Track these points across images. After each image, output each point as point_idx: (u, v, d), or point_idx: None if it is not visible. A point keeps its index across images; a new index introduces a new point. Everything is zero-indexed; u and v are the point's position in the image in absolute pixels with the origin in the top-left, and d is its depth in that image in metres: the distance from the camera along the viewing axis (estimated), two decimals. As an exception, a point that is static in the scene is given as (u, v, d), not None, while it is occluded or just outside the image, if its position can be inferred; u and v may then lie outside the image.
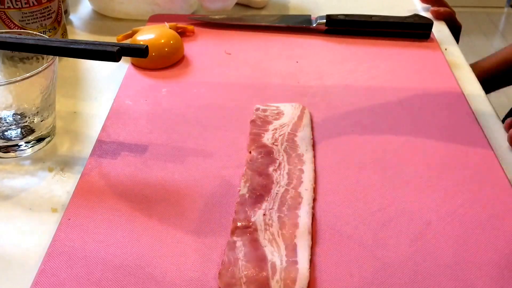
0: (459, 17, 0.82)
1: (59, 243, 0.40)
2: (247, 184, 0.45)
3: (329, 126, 0.54)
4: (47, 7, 0.61)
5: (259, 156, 0.48)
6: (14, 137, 0.49)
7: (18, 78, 0.45)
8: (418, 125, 0.54)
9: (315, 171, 0.47)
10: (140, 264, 0.38)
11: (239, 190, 0.45)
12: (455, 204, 0.44)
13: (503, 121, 0.56)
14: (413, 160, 0.49)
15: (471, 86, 0.62)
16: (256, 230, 0.41)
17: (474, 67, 0.73)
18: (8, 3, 0.59)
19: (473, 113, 0.56)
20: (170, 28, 0.67)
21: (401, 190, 0.46)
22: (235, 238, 0.40)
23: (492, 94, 0.75)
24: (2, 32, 0.51)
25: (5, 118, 0.49)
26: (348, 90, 0.60)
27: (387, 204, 0.44)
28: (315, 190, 0.45)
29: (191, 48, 0.68)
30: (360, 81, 0.61)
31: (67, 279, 0.37)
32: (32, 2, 0.60)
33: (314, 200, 0.44)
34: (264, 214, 0.42)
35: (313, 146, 0.50)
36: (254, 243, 0.39)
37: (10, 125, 0.49)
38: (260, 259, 0.38)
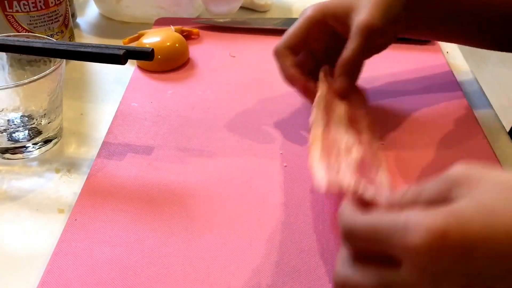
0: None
1: (66, 244, 0.40)
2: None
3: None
4: (55, 10, 0.62)
5: None
6: (22, 138, 0.50)
7: (26, 81, 0.46)
8: (420, 128, 0.54)
9: None
10: (146, 265, 0.39)
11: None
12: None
13: None
14: (414, 164, 0.49)
15: (473, 89, 0.62)
16: None
17: None
18: (16, 6, 0.59)
19: (474, 115, 0.56)
20: (175, 31, 0.68)
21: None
22: None
23: (493, 96, 0.75)
24: (10, 36, 0.52)
25: (13, 120, 0.50)
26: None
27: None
28: None
29: (196, 51, 0.68)
30: (361, 84, 0.62)
31: (73, 279, 0.38)
32: (40, 6, 0.60)
33: None
34: None
35: None
36: None
37: (18, 127, 0.50)
38: None
